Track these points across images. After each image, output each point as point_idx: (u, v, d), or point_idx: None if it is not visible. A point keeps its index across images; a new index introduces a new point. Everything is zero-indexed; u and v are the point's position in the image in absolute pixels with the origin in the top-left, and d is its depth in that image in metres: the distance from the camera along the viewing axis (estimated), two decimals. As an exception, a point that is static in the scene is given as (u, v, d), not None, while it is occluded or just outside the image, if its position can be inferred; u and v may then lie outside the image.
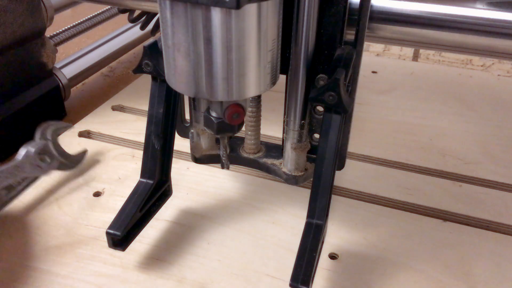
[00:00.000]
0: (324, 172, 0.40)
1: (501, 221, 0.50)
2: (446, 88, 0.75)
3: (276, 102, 0.56)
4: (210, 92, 0.32)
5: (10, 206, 0.49)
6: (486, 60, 0.82)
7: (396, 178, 0.56)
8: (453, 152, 0.60)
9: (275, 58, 0.34)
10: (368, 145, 0.61)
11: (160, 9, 0.31)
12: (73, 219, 0.49)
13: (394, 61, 0.86)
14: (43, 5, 0.62)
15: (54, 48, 0.67)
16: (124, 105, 0.69)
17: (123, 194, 0.52)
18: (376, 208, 0.51)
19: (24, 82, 0.62)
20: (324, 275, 0.43)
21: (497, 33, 0.40)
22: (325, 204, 0.40)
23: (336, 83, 0.37)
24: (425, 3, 0.41)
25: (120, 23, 0.88)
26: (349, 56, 0.40)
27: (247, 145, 0.48)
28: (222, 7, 0.28)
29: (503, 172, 0.57)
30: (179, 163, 0.57)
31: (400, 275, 0.43)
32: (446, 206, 0.51)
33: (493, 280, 0.43)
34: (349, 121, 0.44)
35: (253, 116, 0.45)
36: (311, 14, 0.38)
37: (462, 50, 0.42)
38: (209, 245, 0.47)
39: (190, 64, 0.31)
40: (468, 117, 0.68)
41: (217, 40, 0.30)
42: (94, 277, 0.43)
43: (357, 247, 0.46)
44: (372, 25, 0.42)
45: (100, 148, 0.59)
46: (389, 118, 0.67)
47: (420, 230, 0.48)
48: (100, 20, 0.79)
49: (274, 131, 0.58)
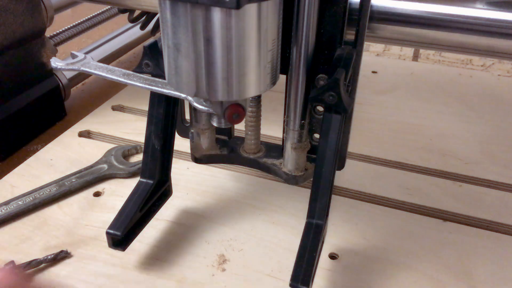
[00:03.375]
0: (324, 172, 0.40)
1: (501, 221, 0.50)
2: (446, 88, 0.75)
3: (276, 102, 0.56)
4: (210, 92, 0.32)
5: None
6: (486, 60, 0.82)
7: (396, 178, 0.56)
8: (453, 152, 0.60)
9: (275, 58, 0.34)
10: (368, 145, 0.61)
11: (160, 9, 0.31)
12: (73, 219, 0.49)
13: (394, 61, 0.86)
14: (43, 5, 0.62)
15: (54, 48, 0.67)
16: (124, 105, 0.69)
17: (123, 194, 0.52)
18: (376, 208, 0.51)
19: (24, 82, 0.62)
20: (324, 275, 0.43)
21: (497, 33, 0.40)
22: (325, 204, 0.40)
23: (336, 83, 0.37)
24: (425, 3, 0.41)
25: (120, 23, 0.88)
26: (349, 56, 0.40)
27: (247, 145, 0.48)
28: (222, 7, 0.28)
29: (503, 172, 0.57)
30: (179, 163, 0.57)
31: (400, 275, 0.43)
32: (446, 206, 0.51)
33: (493, 280, 0.43)
34: (349, 121, 0.44)
35: (253, 116, 0.45)
36: (311, 14, 0.38)
37: (462, 50, 0.42)
38: (209, 245, 0.47)
39: (190, 64, 0.31)
40: (468, 117, 0.68)
41: (217, 40, 0.30)
42: (94, 277, 0.43)
43: (357, 247, 0.46)
44: (372, 25, 0.42)
45: (100, 148, 0.59)
46: (389, 118, 0.67)
47: (420, 230, 0.48)
48: (100, 20, 0.79)
49: (274, 131, 0.58)
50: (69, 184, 0.52)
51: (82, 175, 0.54)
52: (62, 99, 0.69)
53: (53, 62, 0.41)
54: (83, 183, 0.53)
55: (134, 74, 0.39)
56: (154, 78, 0.39)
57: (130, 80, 0.39)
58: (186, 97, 0.37)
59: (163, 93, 0.38)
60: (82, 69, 0.40)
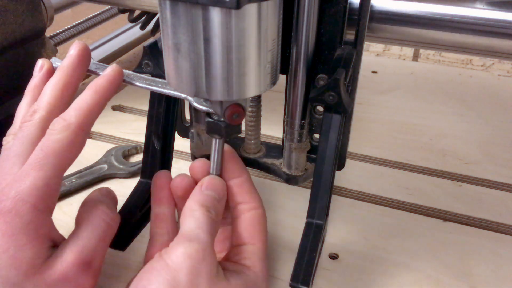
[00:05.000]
0: (324, 172, 0.40)
1: (501, 221, 0.50)
2: (446, 88, 0.75)
3: (276, 102, 0.56)
4: (210, 92, 0.32)
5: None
6: (486, 60, 0.82)
7: (396, 178, 0.56)
8: (453, 152, 0.60)
9: (275, 58, 0.34)
10: (368, 145, 0.61)
11: (160, 9, 0.31)
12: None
13: (394, 61, 0.86)
14: (43, 5, 0.62)
15: (54, 48, 0.67)
16: (124, 105, 0.69)
17: (123, 194, 0.52)
18: (376, 208, 0.51)
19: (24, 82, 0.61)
20: (324, 275, 0.43)
21: (497, 33, 0.40)
22: (325, 204, 0.40)
23: (336, 83, 0.37)
24: (425, 3, 0.41)
25: (120, 23, 0.88)
26: (349, 56, 0.40)
27: (247, 145, 0.48)
28: (222, 7, 0.28)
29: (503, 172, 0.57)
30: (179, 163, 0.57)
31: (400, 275, 0.43)
32: (446, 206, 0.51)
33: (493, 280, 0.43)
34: (349, 121, 0.44)
35: (253, 116, 0.45)
36: (311, 14, 0.38)
37: (462, 50, 0.42)
38: (209, 245, 0.47)
39: (190, 64, 0.31)
40: (468, 117, 0.68)
41: (217, 40, 0.30)
42: (94, 277, 0.43)
43: (357, 247, 0.46)
44: (372, 25, 0.43)
45: (100, 148, 0.59)
46: (389, 118, 0.67)
47: (420, 230, 0.48)
48: (100, 20, 0.79)
49: (274, 131, 0.58)
50: (69, 184, 0.52)
51: (82, 175, 0.54)
52: (62, 99, 0.69)
53: (53, 62, 0.41)
54: (83, 183, 0.53)
55: (134, 74, 0.39)
56: (154, 78, 0.39)
57: (130, 80, 0.39)
58: (186, 97, 0.37)
59: (163, 93, 0.38)
60: None
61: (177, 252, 0.32)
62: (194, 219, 0.34)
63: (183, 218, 0.35)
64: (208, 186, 0.37)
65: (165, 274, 0.31)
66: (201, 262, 0.32)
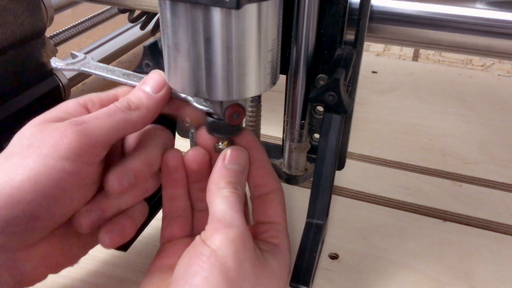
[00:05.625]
0: (324, 172, 0.40)
1: (501, 221, 0.50)
2: (446, 88, 0.75)
3: (276, 102, 0.56)
4: (210, 92, 0.32)
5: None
6: (486, 60, 0.82)
7: (396, 178, 0.56)
8: (453, 152, 0.60)
9: (275, 58, 0.34)
10: (368, 145, 0.61)
11: (160, 9, 0.31)
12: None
13: (394, 61, 0.86)
14: (43, 5, 0.62)
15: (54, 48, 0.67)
16: (124, 105, 0.69)
17: (123, 194, 0.52)
18: (376, 208, 0.51)
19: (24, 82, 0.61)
20: (324, 275, 0.43)
21: (497, 33, 0.40)
22: (325, 204, 0.40)
23: (336, 83, 0.37)
24: (425, 3, 0.41)
25: (120, 23, 0.88)
26: (349, 56, 0.40)
27: (247, 145, 0.48)
28: (222, 7, 0.28)
29: (503, 172, 0.57)
30: (179, 163, 0.57)
31: (400, 275, 0.43)
32: (446, 206, 0.51)
33: (493, 280, 0.43)
34: (349, 121, 0.44)
35: (253, 116, 0.45)
36: (311, 14, 0.38)
37: (462, 50, 0.42)
38: (209, 245, 0.47)
39: (190, 64, 0.31)
40: (468, 117, 0.68)
41: (217, 40, 0.30)
42: (94, 278, 0.43)
43: (357, 247, 0.46)
44: (372, 25, 0.43)
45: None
46: (389, 118, 0.67)
47: (420, 230, 0.48)
48: (100, 20, 0.79)
49: (274, 131, 0.58)
50: None
51: None
52: (62, 99, 0.69)
53: (53, 62, 0.41)
54: None
55: (134, 74, 0.39)
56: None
57: (130, 80, 0.39)
58: (186, 97, 0.37)
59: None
60: (82, 69, 0.40)
61: (220, 238, 0.32)
62: (223, 198, 0.34)
63: (210, 196, 0.35)
64: (231, 159, 0.36)
65: (215, 261, 0.31)
66: (244, 247, 0.32)
